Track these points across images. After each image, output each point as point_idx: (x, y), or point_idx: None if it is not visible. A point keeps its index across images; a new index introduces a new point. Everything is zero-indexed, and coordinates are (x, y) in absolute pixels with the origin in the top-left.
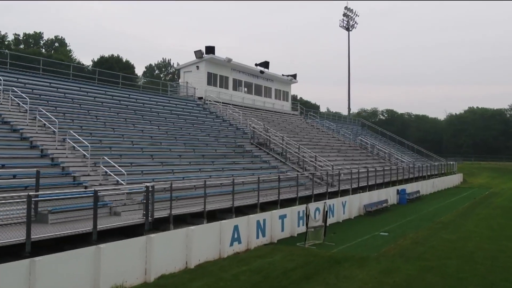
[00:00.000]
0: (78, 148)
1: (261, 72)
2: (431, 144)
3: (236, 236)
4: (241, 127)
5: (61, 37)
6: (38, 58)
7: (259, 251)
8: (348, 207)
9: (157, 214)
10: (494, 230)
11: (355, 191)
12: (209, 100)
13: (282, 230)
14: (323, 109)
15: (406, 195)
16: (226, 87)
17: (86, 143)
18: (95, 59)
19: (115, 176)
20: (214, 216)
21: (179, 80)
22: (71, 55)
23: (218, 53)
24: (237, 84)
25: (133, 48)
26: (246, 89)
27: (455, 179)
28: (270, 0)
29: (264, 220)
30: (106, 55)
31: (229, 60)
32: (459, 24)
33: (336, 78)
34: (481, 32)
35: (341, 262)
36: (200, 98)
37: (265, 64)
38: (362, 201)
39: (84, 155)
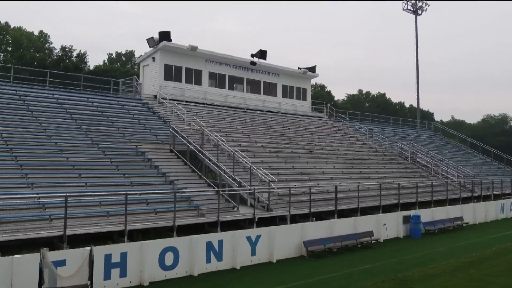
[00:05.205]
0: None
1: (252, 63)
2: None
3: None
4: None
5: None
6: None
7: None
8: (265, 245)
9: None
10: None
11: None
12: (163, 98)
13: None
14: (445, 118)
15: (420, 224)
16: (198, 83)
17: None
18: None
19: None
20: None
21: (141, 76)
22: None
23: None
24: (216, 79)
25: None
26: (235, 85)
27: None
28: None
29: None
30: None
31: (194, 48)
32: None
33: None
34: None
35: None
36: (156, 96)
37: (261, 54)
38: (304, 235)
39: None
